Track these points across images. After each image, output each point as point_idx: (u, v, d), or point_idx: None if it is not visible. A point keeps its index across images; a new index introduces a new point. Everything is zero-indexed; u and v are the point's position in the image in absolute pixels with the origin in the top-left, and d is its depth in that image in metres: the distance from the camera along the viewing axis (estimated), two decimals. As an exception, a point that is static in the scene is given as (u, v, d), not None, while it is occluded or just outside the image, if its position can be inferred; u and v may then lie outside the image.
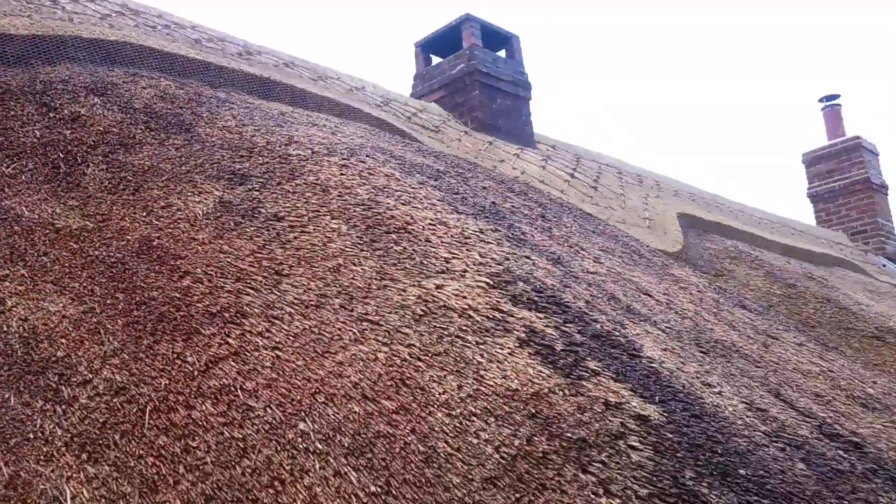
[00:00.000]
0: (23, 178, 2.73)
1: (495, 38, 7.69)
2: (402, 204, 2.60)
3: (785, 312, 6.16)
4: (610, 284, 2.61)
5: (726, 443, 1.77)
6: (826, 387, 2.59)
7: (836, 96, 12.86)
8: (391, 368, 1.90)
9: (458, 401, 1.79)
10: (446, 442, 1.69)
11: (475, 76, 7.18)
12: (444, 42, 7.66)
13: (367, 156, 3.02)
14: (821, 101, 12.90)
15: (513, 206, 3.11)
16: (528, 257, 2.46)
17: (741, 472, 1.67)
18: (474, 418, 1.74)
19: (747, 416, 1.98)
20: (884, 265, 11.30)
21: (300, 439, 1.76)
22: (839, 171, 12.31)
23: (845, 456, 2.02)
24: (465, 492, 1.59)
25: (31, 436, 1.79)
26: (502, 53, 7.73)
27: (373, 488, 1.62)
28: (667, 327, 2.44)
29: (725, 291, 3.75)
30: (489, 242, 2.46)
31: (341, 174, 2.77)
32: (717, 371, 2.23)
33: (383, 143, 3.47)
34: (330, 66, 6.48)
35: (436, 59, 7.77)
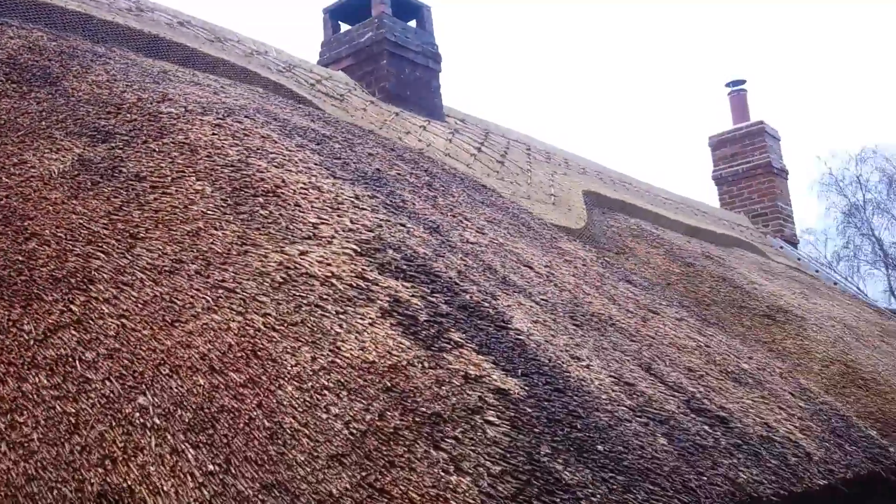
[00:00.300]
0: None
1: (406, 8, 7.53)
2: (275, 166, 2.46)
3: (682, 290, 6.26)
4: (489, 255, 2.54)
5: (587, 418, 1.72)
6: (700, 362, 2.59)
7: (741, 81, 13.18)
8: (243, 339, 1.78)
9: (311, 374, 1.68)
10: (294, 417, 1.59)
11: (384, 45, 7.02)
12: (352, 9, 7.46)
13: (246, 117, 2.86)
14: (727, 85, 13.20)
15: (399, 174, 3.01)
16: (403, 225, 2.36)
17: (599, 447, 1.62)
18: (326, 392, 1.64)
19: (613, 391, 1.94)
20: (781, 247, 11.68)
21: (137, 414, 1.63)
22: (742, 155, 12.64)
23: (710, 431, 2.01)
24: (308, 470, 1.49)
25: None
26: (413, 23, 7.58)
27: (210, 467, 1.51)
28: (542, 300, 2.38)
29: (612, 266, 3.74)
30: (363, 209, 2.35)
31: (213, 134, 2.61)
32: (588, 345, 2.19)
33: (271, 107, 3.31)
34: (231, 29, 6.22)
35: (345, 27, 7.57)
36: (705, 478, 1.75)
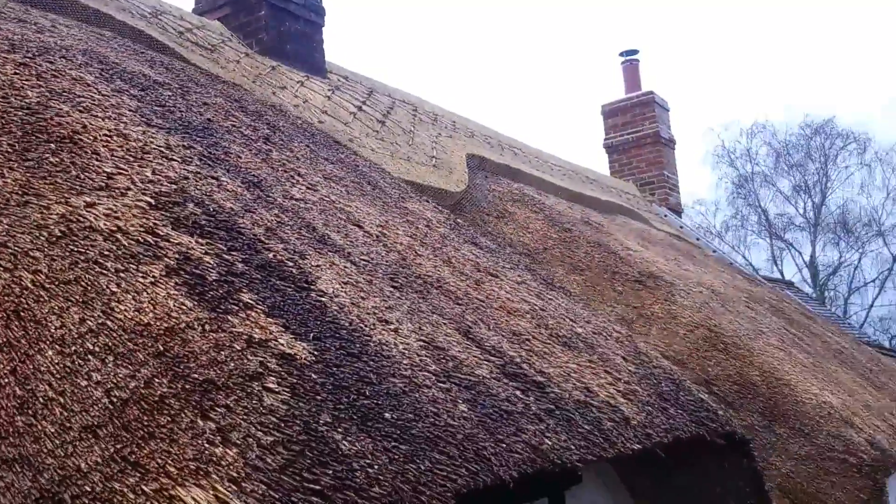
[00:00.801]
0: None
1: (289, -42, 7.21)
2: (79, 111, 2.26)
3: (558, 255, 6.29)
4: (313, 213, 2.41)
5: (379, 384, 1.63)
6: (530, 325, 2.55)
7: (634, 51, 13.35)
8: (6, 298, 1.61)
9: (77, 337, 1.53)
10: (50, 384, 1.44)
11: (263, -5, 6.71)
12: (232, -44, 7.10)
13: (62, 57, 2.62)
14: (621, 55, 13.35)
15: (234, 125, 2.83)
16: (215, 178, 2.20)
17: (386, 415, 1.54)
18: (90, 357, 1.49)
19: (419, 356, 1.86)
20: (665, 215, 11.97)
21: None
22: (633, 124, 12.85)
23: (522, 396, 1.96)
24: (57, 442, 1.35)
25: None
26: (295, -26, 7.28)
27: (-54, 440, 1.34)
28: (363, 260, 2.28)
29: (461, 228, 3.67)
30: (172, 160, 2.18)
31: (14, 73, 2.37)
32: (402, 307, 2.10)
33: (105, 50, 3.06)
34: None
35: (224, -26, 7.20)
36: (504, 445, 1.69)
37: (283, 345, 1.59)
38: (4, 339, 1.52)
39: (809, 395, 5.40)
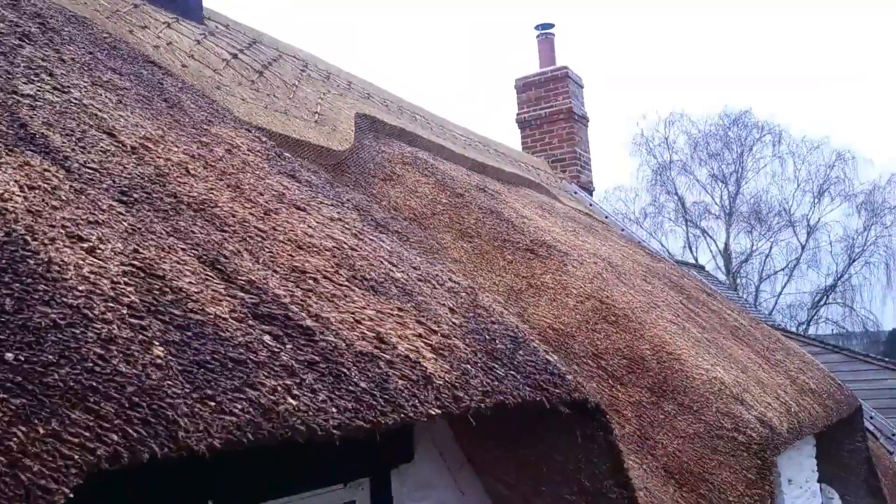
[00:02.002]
0: None
1: None
2: None
3: (447, 221, 5.88)
4: (39, 112, 1.92)
5: (15, 314, 1.18)
6: (326, 264, 2.09)
7: (550, 25, 13.05)
8: None
9: None
10: None
11: (132, -71, 6.07)
12: None
13: None
14: (536, 28, 13.02)
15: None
16: None
17: (7, 356, 1.08)
18: None
19: (116, 283, 1.41)
20: (575, 192, 11.73)
21: None
22: (546, 100, 12.55)
23: (271, 343, 1.48)
24: None
25: None
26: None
27: None
28: (85, 168, 1.78)
29: (282, 160, 3.20)
30: None
31: None
32: (119, 226, 1.64)
33: None
34: None
35: None
36: (212, 404, 1.25)
37: None
38: None
39: (700, 371, 5.14)
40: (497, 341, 2.30)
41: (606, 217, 11.33)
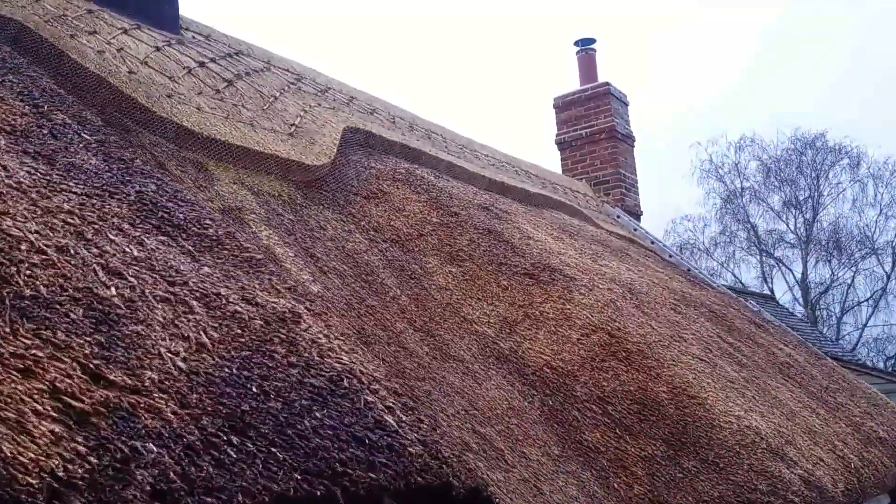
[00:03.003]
0: None
1: None
2: None
3: (435, 242, 5.12)
4: None
5: None
6: None
7: (591, 40, 12.27)
8: None
9: None
10: None
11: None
12: None
13: None
14: (576, 44, 12.26)
15: None
16: None
17: None
18: None
19: None
20: (618, 217, 10.82)
21: None
22: (587, 119, 11.73)
23: None
24: None
25: None
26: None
27: None
28: None
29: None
30: None
31: None
32: None
33: None
34: None
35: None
36: None
37: None
38: None
39: (730, 418, 4.21)
40: (271, 398, 1.52)
41: (652, 242, 10.37)
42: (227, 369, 1.46)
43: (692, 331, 5.25)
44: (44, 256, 1.67)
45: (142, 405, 1.23)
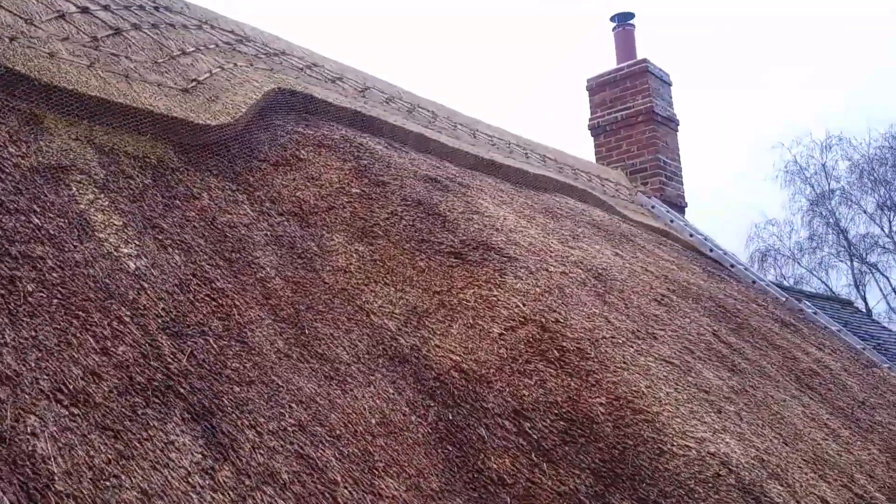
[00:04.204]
0: None
1: None
2: None
3: (346, 216, 4.15)
4: None
5: None
6: None
7: (629, 15, 11.08)
8: None
9: None
10: None
11: None
12: None
13: None
14: (612, 19, 11.11)
15: None
16: None
17: None
18: None
19: None
20: (653, 207, 9.59)
21: None
22: (622, 101, 10.54)
23: None
24: None
25: None
26: None
27: None
28: None
29: None
30: None
31: None
32: None
33: None
34: None
35: None
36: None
37: None
38: None
39: (688, 442, 3.09)
40: None
41: (691, 235, 9.08)
42: None
43: (674, 327, 4.11)
44: None
45: None
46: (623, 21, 10.99)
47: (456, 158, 6.28)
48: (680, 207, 10.35)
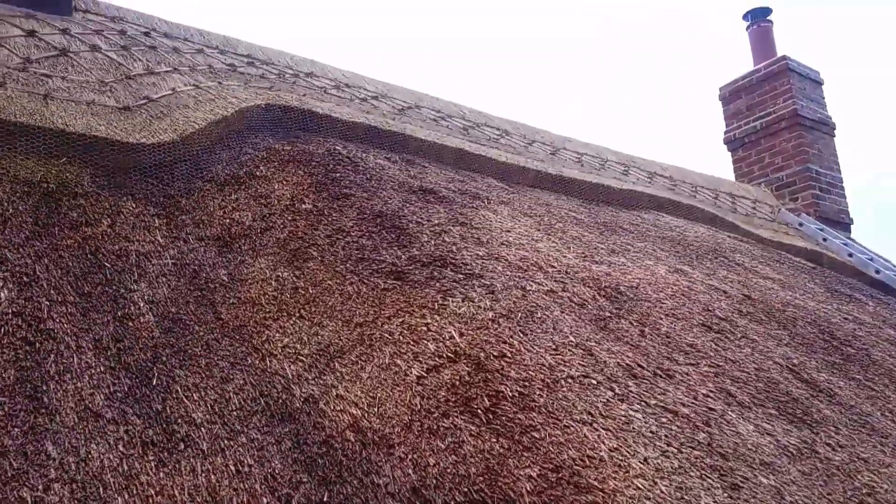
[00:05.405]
0: None
1: None
2: None
3: (282, 237, 3.34)
4: None
5: None
6: None
7: (766, 10, 9.61)
8: None
9: None
10: None
11: None
12: None
13: None
14: (745, 17, 9.69)
15: None
16: None
17: None
18: None
19: None
20: (801, 225, 7.97)
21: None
22: (761, 107, 9.06)
23: None
24: None
25: None
26: None
27: None
28: None
29: None
30: None
31: None
32: None
33: None
34: None
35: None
36: None
37: None
38: None
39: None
40: None
41: (850, 255, 7.37)
42: None
43: (717, 360, 2.88)
44: None
45: None
46: (758, 18, 9.54)
47: (509, 175, 5.30)
48: (842, 224, 8.62)
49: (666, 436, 2.26)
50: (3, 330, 2.50)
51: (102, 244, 3.10)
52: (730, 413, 2.52)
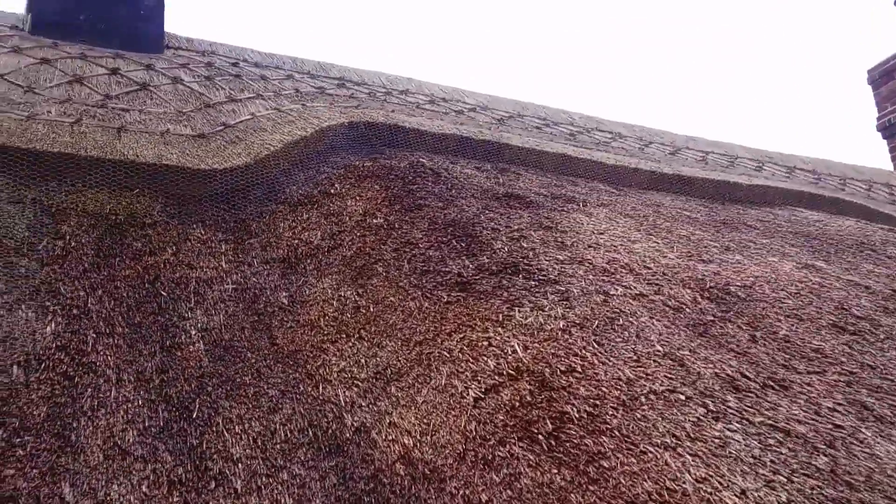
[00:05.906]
0: None
1: None
2: None
3: (348, 255, 3.14)
4: None
5: None
6: None
7: (917, -21, 8.66)
8: None
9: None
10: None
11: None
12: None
13: None
14: (893, -8, 8.77)
15: None
16: None
17: None
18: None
19: None
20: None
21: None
22: (919, 85, 8.12)
23: None
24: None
25: None
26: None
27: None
28: None
29: None
30: None
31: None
32: None
33: None
34: None
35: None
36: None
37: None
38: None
39: None
40: None
41: None
42: None
43: (850, 366, 2.38)
44: None
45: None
46: (908, -11, 8.58)
47: (618, 177, 4.88)
48: None
49: (773, 461, 1.81)
50: (43, 365, 2.38)
51: (163, 272, 2.97)
52: (863, 430, 2.02)
